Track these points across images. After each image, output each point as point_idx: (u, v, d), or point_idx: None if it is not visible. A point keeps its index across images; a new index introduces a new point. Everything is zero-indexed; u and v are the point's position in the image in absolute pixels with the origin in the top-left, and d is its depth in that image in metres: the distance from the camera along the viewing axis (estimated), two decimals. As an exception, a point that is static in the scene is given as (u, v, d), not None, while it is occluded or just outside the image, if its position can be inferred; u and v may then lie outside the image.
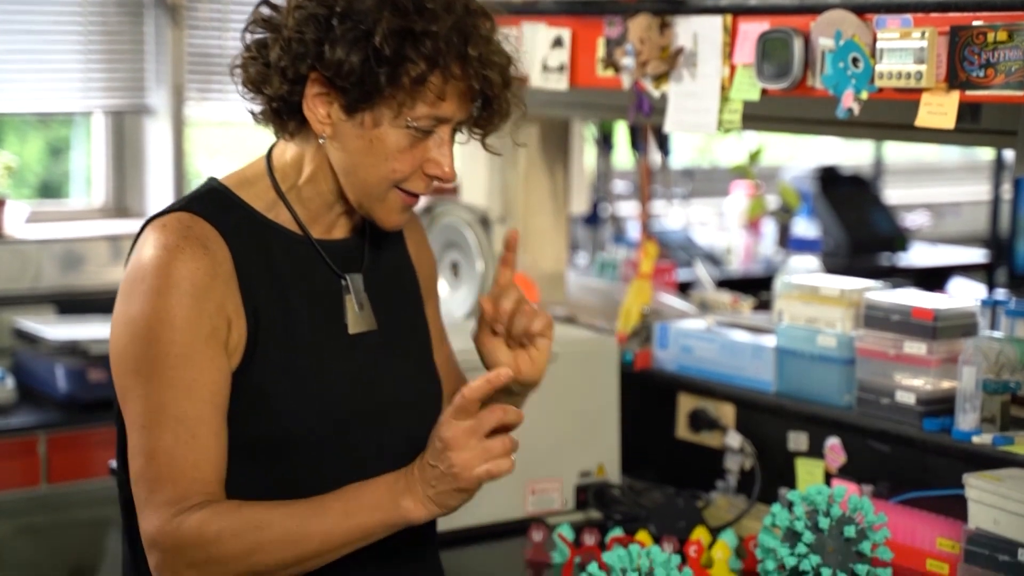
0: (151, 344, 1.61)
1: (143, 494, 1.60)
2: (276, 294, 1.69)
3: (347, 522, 1.60)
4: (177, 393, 1.60)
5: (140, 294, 1.63)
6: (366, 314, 1.77)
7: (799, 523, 2.04)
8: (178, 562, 1.59)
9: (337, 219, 1.77)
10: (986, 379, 2.27)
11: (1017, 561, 2.02)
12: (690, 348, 2.74)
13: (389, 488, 1.61)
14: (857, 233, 5.36)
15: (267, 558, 1.59)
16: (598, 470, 2.56)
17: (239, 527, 1.58)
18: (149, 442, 1.60)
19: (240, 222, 1.70)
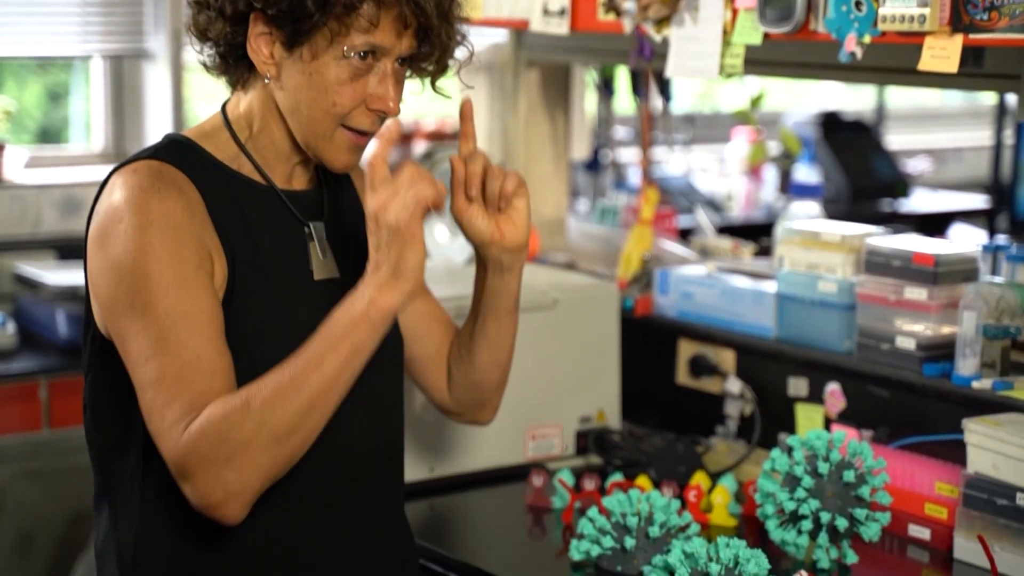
0: (142, 279, 1.60)
1: (157, 424, 1.59)
2: (247, 238, 1.71)
3: (329, 340, 1.59)
4: (175, 320, 1.60)
5: (120, 235, 1.62)
6: (329, 262, 1.79)
7: (798, 468, 2.05)
8: (210, 470, 1.56)
9: (294, 169, 1.79)
10: (986, 324, 2.27)
11: (1015, 505, 2.03)
12: (691, 294, 2.74)
13: (351, 295, 1.61)
14: (858, 179, 5.35)
15: (280, 413, 1.56)
16: (598, 416, 2.57)
17: (241, 402, 1.57)
18: (155, 371, 1.59)
19: (207, 170, 1.71)
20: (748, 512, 2.25)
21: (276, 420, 1.57)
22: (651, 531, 1.99)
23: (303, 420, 1.59)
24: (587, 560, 2.05)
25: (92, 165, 4.22)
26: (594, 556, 2.03)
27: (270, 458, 1.58)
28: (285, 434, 1.58)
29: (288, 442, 1.59)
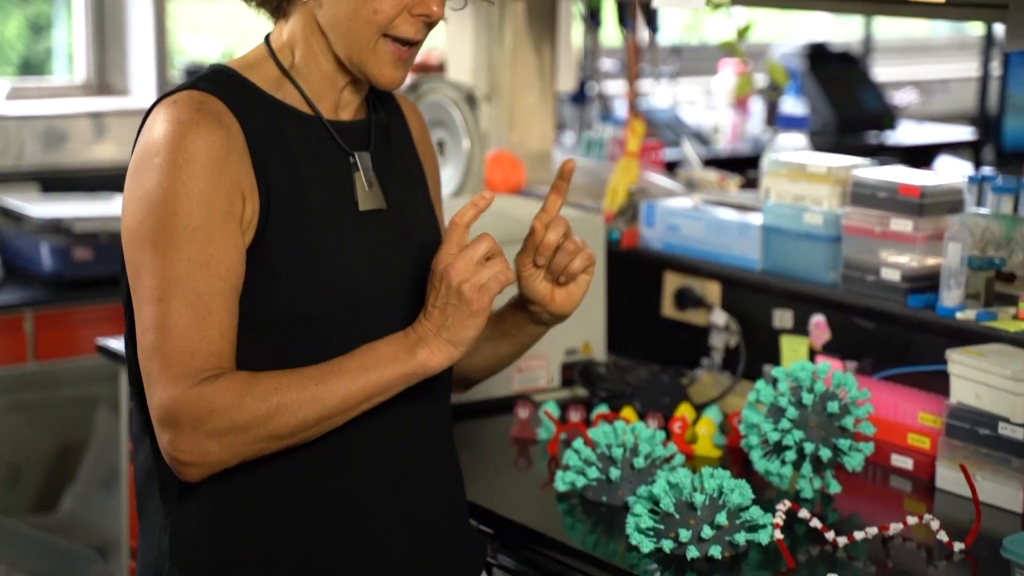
0: (168, 217, 1.59)
1: (155, 369, 1.58)
2: (288, 171, 1.67)
3: (365, 377, 1.60)
4: (194, 268, 1.58)
5: (155, 168, 1.60)
6: (375, 192, 1.75)
7: (783, 399, 2.06)
8: (199, 433, 1.57)
9: (341, 97, 1.75)
10: (971, 255, 2.28)
11: (997, 435, 2.05)
12: (676, 226, 2.74)
13: (402, 341, 1.62)
14: (845, 111, 5.33)
15: (288, 419, 1.58)
16: (584, 348, 2.57)
17: (259, 390, 1.57)
18: (162, 315, 1.58)
19: (250, 100, 1.68)
20: (732, 443, 2.26)
21: (282, 422, 1.58)
22: (636, 462, 2.00)
23: (307, 432, 1.61)
24: (572, 491, 2.06)
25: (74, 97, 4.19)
26: (579, 487, 2.04)
27: (256, 449, 1.60)
28: (284, 436, 1.60)
29: (281, 443, 1.61)
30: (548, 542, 1.95)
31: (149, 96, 4.18)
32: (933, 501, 2.10)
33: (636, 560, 1.84)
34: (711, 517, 1.82)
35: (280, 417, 1.58)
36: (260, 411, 1.57)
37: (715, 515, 1.82)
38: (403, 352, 1.62)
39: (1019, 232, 2.31)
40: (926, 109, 6.10)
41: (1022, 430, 2.02)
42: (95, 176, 3.97)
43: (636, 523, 1.86)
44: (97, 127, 4.01)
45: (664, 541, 1.83)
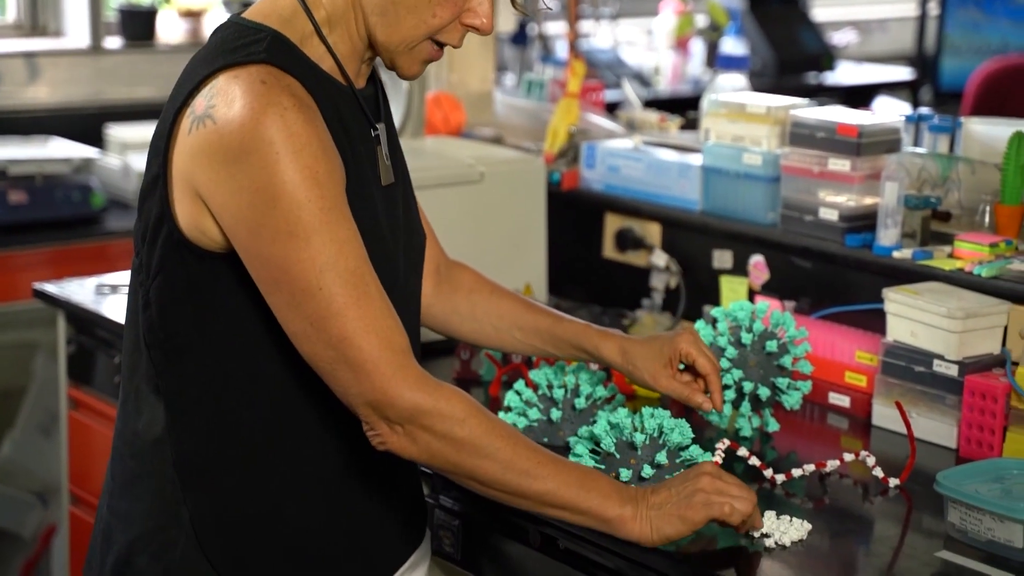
0: (300, 205, 1.53)
1: (370, 352, 1.56)
2: (348, 147, 1.65)
3: (573, 490, 1.64)
4: (339, 247, 1.55)
5: (267, 157, 1.53)
6: (389, 166, 1.74)
7: (722, 339, 2.07)
8: (421, 435, 1.59)
9: (361, 67, 1.71)
10: (908, 195, 2.29)
11: (932, 372, 2.07)
12: (617, 167, 2.74)
13: (619, 489, 1.67)
14: (785, 52, 5.35)
15: (491, 469, 1.61)
16: (525, 290, 2.58)
17: (488, 427, 1.60)
18: (333, 303, 1.55)
19: (310, 76, 1.62)
20: (673, 382, 2.27)
21: (491, 470, 1.62)
22: (577, 403, 2.01)
23: (499, 492, 1.65)
24: (514, 431, 2.07)
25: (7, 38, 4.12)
26: (521, 428, 2.05)
27: (451, 468, 1.63)
28: (480, 483, 1.64)
29: (468, 483, 1.65)
30: (490, 483, 1.96)
31: (83, 38, 4.12)
32: (869, 438, 2.13)
33: (577, 499, 1.85)
34: (651, 456, 1.84)
35: (486, 463, 1.62)
36: (478, 445, 1.61)
37: (655, 454, 1.83)
38: (615, 496, 1.66)
39: (955, 171, 2.33)
40: (865, 49, 6.12)
41: (956, 367, 2.05)
42: (29, 118, 3.91)
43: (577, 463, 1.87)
44: (30, 68, 3.95)
45: (605, 480, 1.85)
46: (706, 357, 1.92)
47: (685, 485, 1.67)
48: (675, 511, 1.65)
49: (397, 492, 1.79)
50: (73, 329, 2.81)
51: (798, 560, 1.70)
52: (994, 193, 2.27)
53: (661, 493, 1.67)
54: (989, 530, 1.70)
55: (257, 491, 1.68)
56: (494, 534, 1.97)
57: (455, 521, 2.02)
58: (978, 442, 2.01)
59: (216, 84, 1.57)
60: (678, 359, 1.93)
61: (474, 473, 1.63)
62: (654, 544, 1.67)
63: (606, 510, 1.65)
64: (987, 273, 2.14)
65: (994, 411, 1.99)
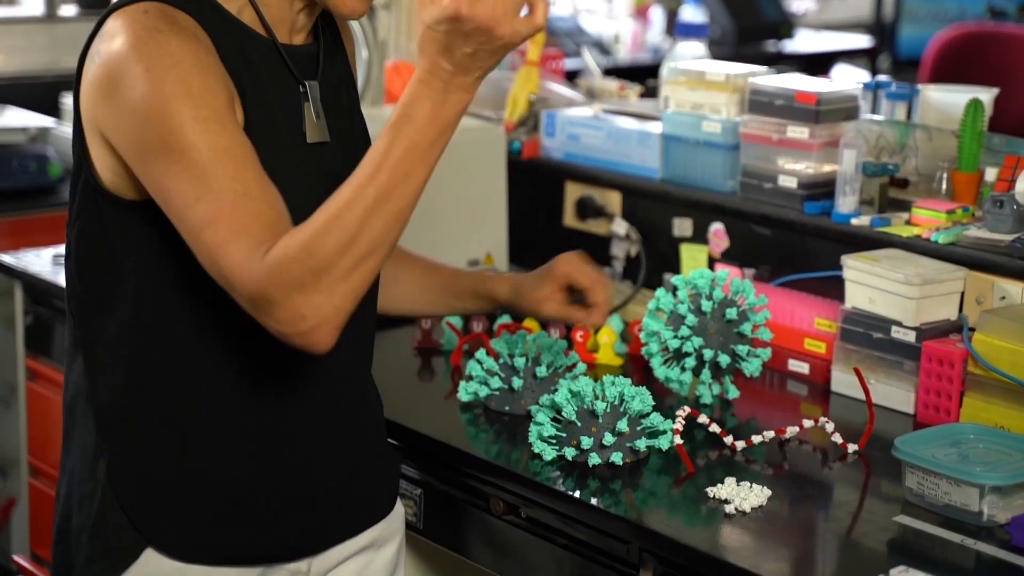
0: (171, 118, 1.51)
1: (223, 263, 1.50)
2: (254, 93, 1.62)
3: (416, 152, 1.50)
4: (219, 155, 1.51)
5: (137, 77, 1.52)
6: (321, 124, 1.70)
7: (682, 307, 2.08)
8: (290, 296, 1.48)
9: (296, 19, 1.69)
10: (866, 162, 2.31)
11: (890, 338, 2.09)
12: (577, 136, 2.74)
13: (432, 98, 1.50)
14: (744, 20, 5.35)
15: (368, 234, 1.50)
16: (486, 259, 2.58)
17: (318, 228, 1.49)
18: (208, 211, 1.50)
19: (214, 19, 1.61)
20: (634, 351, 2.28)
21: (364, 238, 1.49)
22: (538, 371, 2.02)
23: (390, 232, 1.52)
24: (475, 401, 2.08)
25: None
26: (482, 397, 2.05)
27: (359, 278, 1.51)
28: (372, 249, 1.51)
29: (375, 258, 1.52)
30: (452, 452, 1.97)
31: (37, 5, 4.07)
32: (829, 404, 2.14)
33: (539, 468, 1.86)
34: (612, 424, 1.85)
35: (358, 239, 1.49)
36: (332, 245, 1.48)
37: (616, 422, 1.84)
38: (440, 108, 1.50)
39: (912, 138, 2.34)
40: (823, 17, 6.14)
41: (914, 333, 2.06)
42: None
43: (539, 431, 1.88)
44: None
45: (566, 449, 1.86)
46: (584, 272, 1.93)
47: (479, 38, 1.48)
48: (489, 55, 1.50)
49: (342, 458, 1.75)
50: (30, 300, 2.79)
51: (758, 526, 1.72)
52: (951, 160, 2.29)
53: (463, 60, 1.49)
54: (946, 494, 1.72)
55: (176, 447, 1.66)
56: (456, 503, 1.97)
57: (416, 490, 2.02)
58: (935, 407, 2.03)
59: (107, 24, 1.58)
60: (561, 282, 1.94)
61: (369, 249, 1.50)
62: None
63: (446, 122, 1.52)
64: (944, 240, 2.15)
65: (951, 377, 2.01)
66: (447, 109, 1.51)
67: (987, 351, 1.96)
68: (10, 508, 3.35)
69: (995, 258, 2.09)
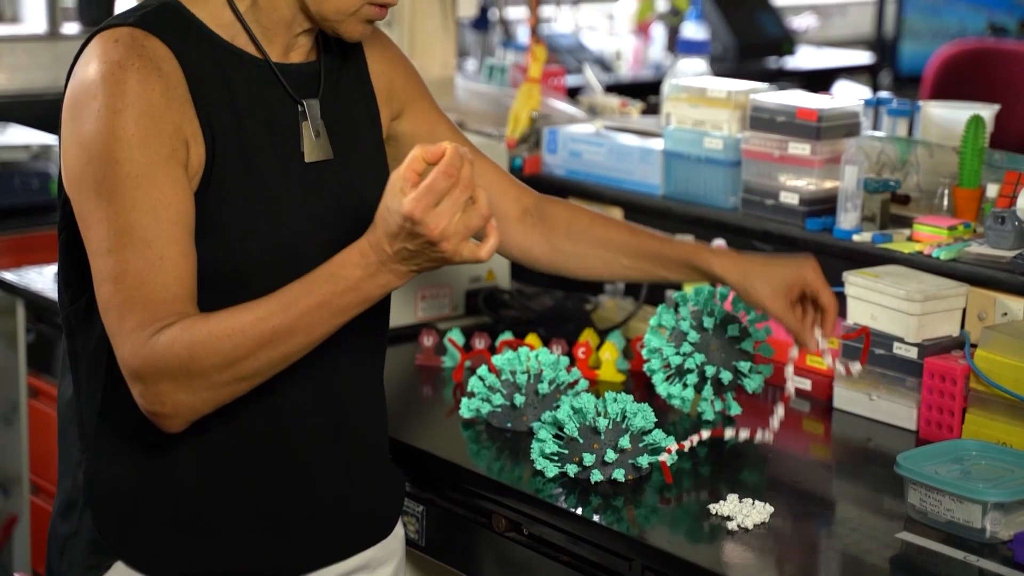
0: (109, 164, 1.53)
1: (114, 322, 1.53)
2: (233, 119, 1.62)
3: (326, 311, 1.52)
4: (141, 214, 1.53)
5: (92, 112, 1.54)
6: (323, 142, 1.69)
7: (684, 323, 2.08)
8: (159, 383, 1.52)
9: (295, 40, 1.68)
10: (867, 178, 2.31)
11: (892, 354, 2.09)
12: (579, 152, 2.74)
13: (363, 269, 1.51)
14: (745, 36, 5.36)
15: (252, 363, 1.52)
16: (488, 275, 2.58)
17: (210, 338, 1.51)
18: (116, 266, 1.52)
19: (195, 43, 1.61)
20: (636, 368, 2.28)
21: (253, 364, 1.52)
22: (540, 388, 2.02)
23: (278, 366, 1.55)
24: (477, 417, 2.08)
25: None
26: (484, 413, 2.05)
27: (228, 392, 1.55)
28: (250, 376, 1.54)
29: (250, 382, 1.55)
30: (454, 469, 1.96)
31: (40, 23, 4.08)
32: (831, 420, 2.14)
33: (541, 485, 1.86)
34: (614, 441, 1.84)
35: (241, 364, 1.52)
36: (216, 360, 1.51)
37: (618, 439, 1.84)
38: (366, 281, 1.51)
39: (913, 155, 2.35)
40: (824, 34, 6.15)
41: (916, 350, 2.06)
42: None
43: (541, 448, 1.88)
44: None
45: (569, 466, 1.85)
46: (831, 293, 1.90)
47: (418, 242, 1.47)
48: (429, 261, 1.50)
49: (328, 481, 1.73)
50: (32, 317, 2.79)
51: (760, 543, 1.71)
52: (952, 176, 2.29)
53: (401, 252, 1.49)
54: (949, 511, 1.72)
55: (150, 461, 1.66)
56: (458, 520, 1.97)
57: (418, 507, 2.02)
58: (938, 424, 2.03)
59: (87, 48, 1.60)
60: (799, 288, 1.90)
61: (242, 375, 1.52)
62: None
63: (368, 297, 1.52)
64: (946, 256, 2.15)
65: (953, 393, 2.01)
66: (372, 284, 1.52)
67: (989, 367, 1.96)
68: (12, 525, 3.34)
69: (997, 274, 2.09)
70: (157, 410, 1.54)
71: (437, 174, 1.44)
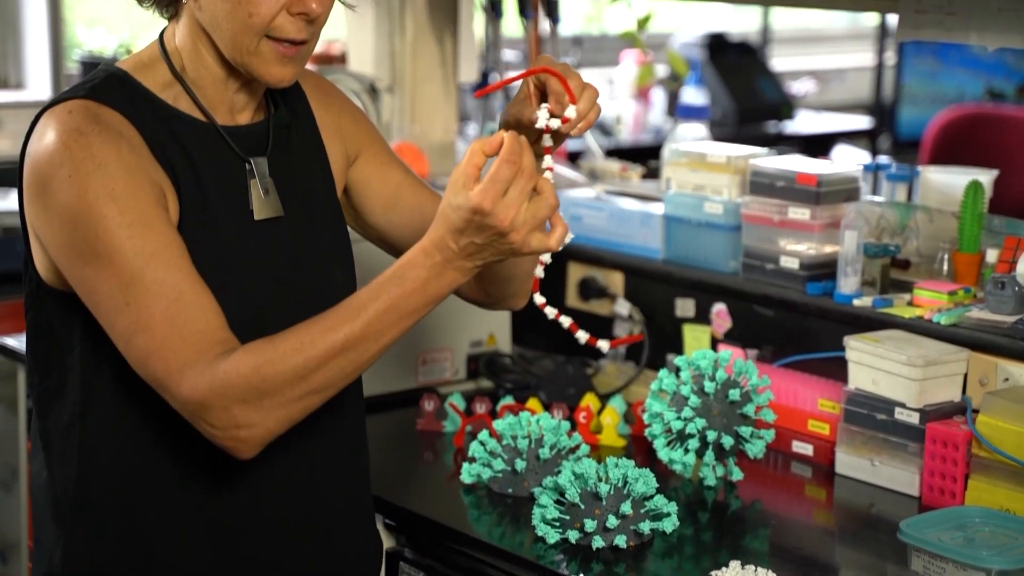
0: (100, 223, 1.52)
1: (160, 368, 1.52)
2: (193, 177, 1.63)
3: (394, 314, 1.51)
4: (146, 259, 1.52)
5: (62, 181, 1.53)
6: (272, 200, 1.70)
7: (685, 387, 2.08)
8: (231, 408, 1.49)
9: (236, 99, 1.69)
10: (867, 243, 2.31)
11: (894, 419, 2.08)
12: (579, 217, 2.75)
13: (428, 269, 1.51)
14: (745, 101, 5.39)
15: (324, 374, 1.51)
16: (489, 339, 2.58)
17: (278, 355, 1.50)
18: (139, 316, 1.51)
19: (145, 110, 1.62)
20: (637, 432, 2.28)
21: (319, 377, 1.51)
22: (541, 453, 2.01)
23: (344, 378, 1.54)
24: (478, 483, 2.07)
25: (-33, 90, 4.11)
26: (485, 479, 2.05)
27: (300, 408, 1.53)
28: (322, 388, 1.53)
29: (322, 395, 1.54)
30: (455, 535, 1.95)
31: (44, 90, 4.11)
32: (833, 486, 2.13)
33: (542, 551, 1.85)
34: (616, 507, 1.84)
35: (312, 376, 1.51)
36: (287, 375, 1.50)
37: (620, 504, 1.83)
38: (432, 281, 1.51)
39: (913, 220, 2.35)
40: (823, 98, 6.19)
41: (918, 415, 2.06)
42: (-9, 170, 3.89)
43: (542, 514, 1.87)
44: (-9, 120, 3.93)
45: (570, 532, 1.84)
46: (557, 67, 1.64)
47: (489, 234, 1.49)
48: (497, 252, 1.51)
49: (309, 547, 1.72)
50: (33, 382, 2.79)
51: (763, 610, 1.70)
52: (952, 241, 2.30)
53: (468, 248, 1.50)
54: (952, 577, 1.71)
55: (129, 535, 1.64)
56: (459, 586, 1.96)
57: (419, 573, 2.01)
58: (940, 490, 2.02)
59: (38, 125, 1.60)
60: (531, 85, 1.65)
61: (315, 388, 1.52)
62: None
63: (435, 297, 1.52)
64: (946, 321, 2.15)
65: (955, 459, 2.00)
66: (439, 284, 1.52)
67: (991, 433, 1.96)
68: (10, 592, 3.32)
69: (998, 340, 2.09)
70: (231, 434, 1.52)
71: (500, 163, 1.45)
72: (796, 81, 6.05)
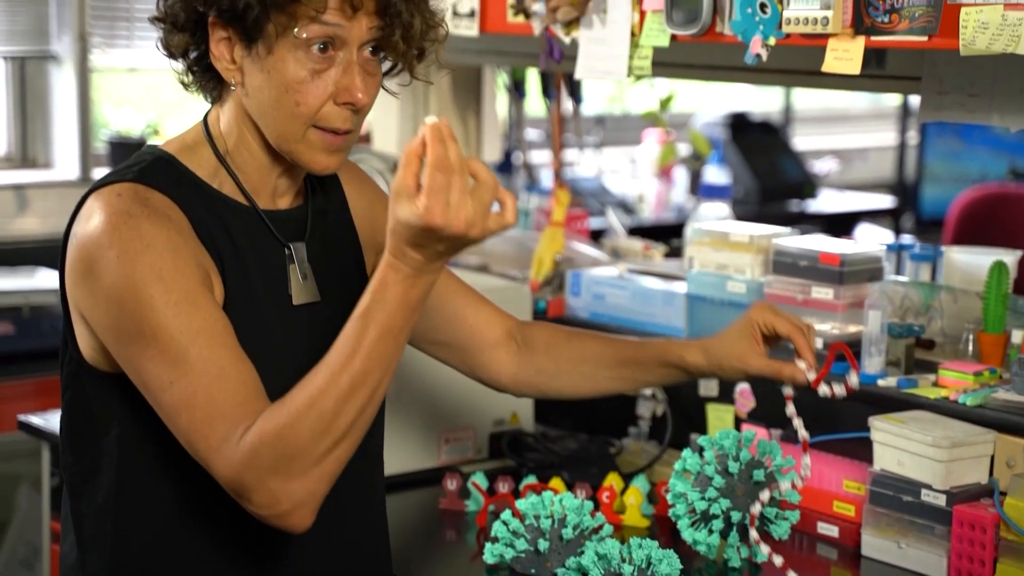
0: (147, 303, 1.53)
1: (203, 446, 1.52)
2: (237, 261, 1.64)
3: (389, 338, 1.50)
4: (191, 337, 1.53)
5: (110, 262, 1.55)
6: (309, 285, 1.72)
7: (709, 468, 2.06)
8: (266, 482, 1.48)
9: (279, 184, 1.72)
10: (891, 323, 2.31)
11: (920, 501, 2.06)
12: (602, 295, 2.76)
13: (401, 283, 1.49)
14: (767, 180, 5.41)
15: (343, 420, 1.49)
16: (512, 418, 2.57)
17: (292, 416, 1.49)
18: (182, 394, 1.52)
19: (191, 194, 1.64)
20: (660, 512, 2.26)
21: (339, 424, 1.50)
22: (564, 533, 2.00)
23: (365, 416, 1.52)
24: (501, 563, 2.05)
25: (-3, 170, 4.15)
26: (508, 559, 2.03)
27: (334, 461, 1.52)
28: (347, 433, 1.51)
29: (351, 440, 1.52)
30: (477, 616, 1.94)
31: (72, 170, 4.15)
32: (859, 569, 2.11)
33: (565, 633, 1.83)
34: (640, 588, 1.82)
35: (332, 426, 1.49)
36: (307, 433, 1.48)
37: (644, 586, 1.82)
38: (410, 290, 1.49)
39: (937, 300, 2.35)
40: (846, 178, 6.20)
41: (944, 497, 2.04)
42: (17, 249, 3.92)
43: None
44: (19, 200, 3.97)
45: (593, 613, 1.83)
46: (784, 318, 1.89)
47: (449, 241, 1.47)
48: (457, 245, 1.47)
49: None
50: (58, 461, 2.79)
51: None
52: (976, 321, 2.29)
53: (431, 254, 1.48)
54: (982, 662, 1.68)
55: None
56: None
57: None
58: (968, 573, 2.00)
59: (84, 206, 1.62)
60: (758, 331, 1.90)
61: (339, 435, 1.50)
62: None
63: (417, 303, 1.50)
64: (972, 402, 2.14)
65: (983, 542, 1.98)
66: (416, 291, 1.51)
67: (1020, 516, 1.93)
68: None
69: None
70: (277, 511, 1.51)
71: (431, 170, 1.43)
72: (818, 160, 6.07)
